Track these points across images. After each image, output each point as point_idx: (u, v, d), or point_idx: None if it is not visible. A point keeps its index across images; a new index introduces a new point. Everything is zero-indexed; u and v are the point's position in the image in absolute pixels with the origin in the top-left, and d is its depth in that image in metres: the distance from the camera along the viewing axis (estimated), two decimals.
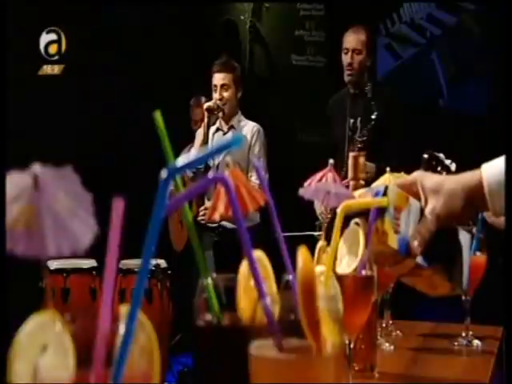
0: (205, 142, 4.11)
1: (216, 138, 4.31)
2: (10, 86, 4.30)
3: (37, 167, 0.57)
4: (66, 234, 0.56)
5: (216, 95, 4.22)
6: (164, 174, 0.61)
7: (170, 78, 5.24)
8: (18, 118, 4.55)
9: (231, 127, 4.31)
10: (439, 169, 2.40)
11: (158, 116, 0.78)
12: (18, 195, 0.56)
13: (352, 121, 3.99)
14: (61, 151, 4.70)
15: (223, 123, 4.33)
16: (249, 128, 4.29)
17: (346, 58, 4.03)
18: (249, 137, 4.25)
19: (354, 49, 4.00)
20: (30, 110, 4.75)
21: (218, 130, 4.34)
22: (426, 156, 2.44)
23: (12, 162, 4.39)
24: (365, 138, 3.84)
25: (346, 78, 4.04)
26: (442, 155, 2.42)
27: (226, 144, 0.59)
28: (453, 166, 2.37)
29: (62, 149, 4.76)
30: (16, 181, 0.56)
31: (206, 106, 4.16)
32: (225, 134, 4.32)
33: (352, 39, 4.02)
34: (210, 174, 0.73)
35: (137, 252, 1.27)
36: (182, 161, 0.62)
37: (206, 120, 4.13)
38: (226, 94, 4.22)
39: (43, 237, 0.54)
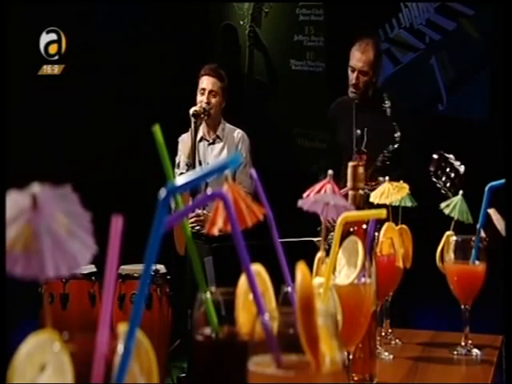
0: (193, 149, 4.01)
1: (202, 148, 4.24)
2: (10, 85, 4.31)
3: (35, 187, 0.56)
4: (65, 254, 0.56)
5: (203, 98, 4.11)
6: (163, 193, 0.61)
7: (170, 79, 5.25)
8: (18, 117, 4.56)
9: (217, 137, 4.24)
10: (448, 170, 2.38)
11: (157, 131, 0.78)
12: (17, 215, 0.56)
13: (359, 132, 3.95)
14: (60, 151, 4.72)
15: (207, 132, 4.25)
16: (233, 135, 4.23)
17: (351, 77, 3.95)
18: (235, 146, 4.19)
19: (361, 70, 3.91)
20: (30, 110, 4.76)
21: (202, 139, 4.25)
22: (435, 156, 2.42)
23: (12, 162, 4.38)
24: (386, 159, 3.83)
25: (351, 95, 3.99)
26: (452, 156, 2.41)
27: (224, 164, 0.59)
28: (462, 169, 2.36)
29: (62, 149, 4.78)
30: (15, 200, 0.56)
31: (191, 111, 4.03)
32: (210, 144, 4.24)
33: (359, 59, 3.92)
34: (209, 190, 0.73)
35: (136, 256, 1.27)
36: (182, 179, 0.62)
37: (192, 126, 4.01)
38: (213, 100, 4.13)
39: (42, 258, 0.54)
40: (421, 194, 2.07)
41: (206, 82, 4.17)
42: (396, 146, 3.83)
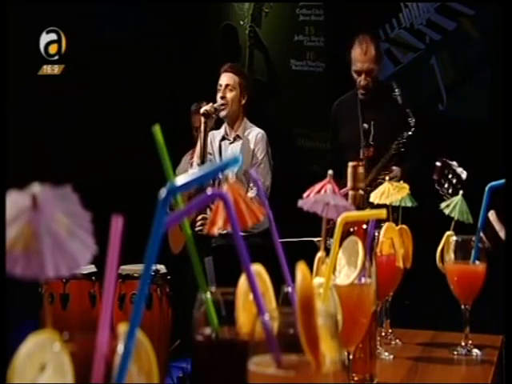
0: (202, 149, 3.96)
1: (223, 147, 4.23)
2: (10, 85, 4.31)
3: (36, 187, 0.56)
4: (65, 254, 0.56)
5: (219, 94, 4.07)
6: (163, 193, 0.61)
7: (170, 79, 5.24)
8: (18, 117, 4.56)
9: (237, 136, 4.19)
10: (450, 176, 2.40)
11: (157, 131, 0.78)
12: (17, 215, 0.55)
13: (366, 126, 3.97)
14: (60, 151, 4.72)
15: (229, 130, 4.20)
16: (252, 136, 4.16)
17: (359, 79, 3.97)
18: (252, 146, 4.13)
19: (367, 71, 3.94)
20: (30, 110, 4.76)
21: (223, 138, 4.22)
22: (438, 164, 2.44)
23: (12, 161, 4.38)
24: (401, 145, 3.84)
25: (361, 97, 4.02)
26: (454, 163, 2.43)
27: (224, 164, 0.59)
28: (464, 175, 2.37)
29: (62, 149, 4.78)
30: (15, 200, 0.56)
31: (202, 110, 3.95)
32: (230, 143, 4.19)
33: (363, 60, 3.93)
34: (209, 190, 0.73)
35: (136, 256, 1.27)
36: (182, 179, 0.62)
37: (202, 126, 3.94)
38: (229, 95, 4.08)
39: (42, 258, 0.54)
40: (421, 194, 2.07)
41: (222, 79, 4.14)
42: (411, 132, 3.83)
